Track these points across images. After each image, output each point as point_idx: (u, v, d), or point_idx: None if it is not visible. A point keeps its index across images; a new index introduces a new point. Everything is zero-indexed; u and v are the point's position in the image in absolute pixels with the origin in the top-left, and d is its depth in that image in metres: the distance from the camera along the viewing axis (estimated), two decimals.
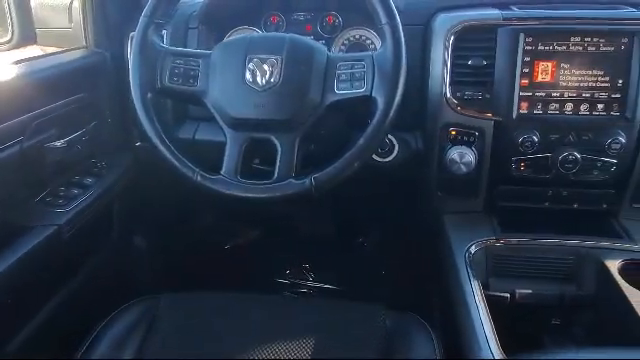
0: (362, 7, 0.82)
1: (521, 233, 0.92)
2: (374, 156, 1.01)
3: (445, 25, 0.92)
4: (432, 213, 1.03)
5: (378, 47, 1.03)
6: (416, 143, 1.02)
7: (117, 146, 1.06)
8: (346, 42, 1.09)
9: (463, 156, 0.93)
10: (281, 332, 0.80)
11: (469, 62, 0.90)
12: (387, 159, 1.01)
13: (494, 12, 0.91)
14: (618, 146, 0.87)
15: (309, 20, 1.10)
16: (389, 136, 1.00)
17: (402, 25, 0.99)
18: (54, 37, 1.09)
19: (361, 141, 0.75)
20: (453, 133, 0.94)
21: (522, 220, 0.96)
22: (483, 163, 0.94)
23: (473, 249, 0.89)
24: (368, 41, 1.08)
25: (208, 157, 0.82)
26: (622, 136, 0.88)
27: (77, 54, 1.03)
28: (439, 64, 0.92)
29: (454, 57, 0.91)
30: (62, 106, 0.93)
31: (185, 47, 1.04)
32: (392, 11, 0.76)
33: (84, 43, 1.05)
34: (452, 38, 0.91)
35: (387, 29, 0.76)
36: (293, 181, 0.76)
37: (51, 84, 0.92)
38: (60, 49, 1.04)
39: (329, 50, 1.09)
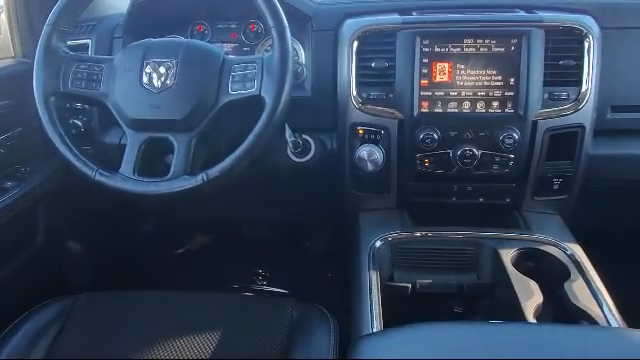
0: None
1: (427, 227, 0.96)
2: (291, 156, 1.05)
3: (349, 30, 0.97)
4: (351, 211, 1.07)
5: (299, 52, 1.08)
6: (332, 143, 1.06)
7: (46, 152, 1.08)
8: (269, 48, 1.13)
9: (371, 154, 0.97)
10: (193, 327, 0.83)
11: (372, 64, 0.95)
12: (304, 159, 1.04)
13: (394, 17, 0.96)
14: (512, 141, 0.92)
15: (234, 28, 1.14)
16: (304, 136, 1.04)
17: (314, 30, 1.04)
18: None
19: (249, 138, 0.78)
20: (361, 132, 0.98)
21: (432, 215, 0.99)
22: (391, 161, 0.98)
23: (378, 244, 0.92)
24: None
25: None
26: (516, 132, 0.92)
27: (4, 63, 1.06)
28: (345, 66, 0.97)
29: (358, 60, 0.96)
30: None
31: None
32: (278, 15, 0.79)
33: (12, 53, 1.09)
34: (355, 42, 0.96)
35: (274, 32, 0.79)
36: (186, 177, 0.79)
37: None
38: None
39: None
